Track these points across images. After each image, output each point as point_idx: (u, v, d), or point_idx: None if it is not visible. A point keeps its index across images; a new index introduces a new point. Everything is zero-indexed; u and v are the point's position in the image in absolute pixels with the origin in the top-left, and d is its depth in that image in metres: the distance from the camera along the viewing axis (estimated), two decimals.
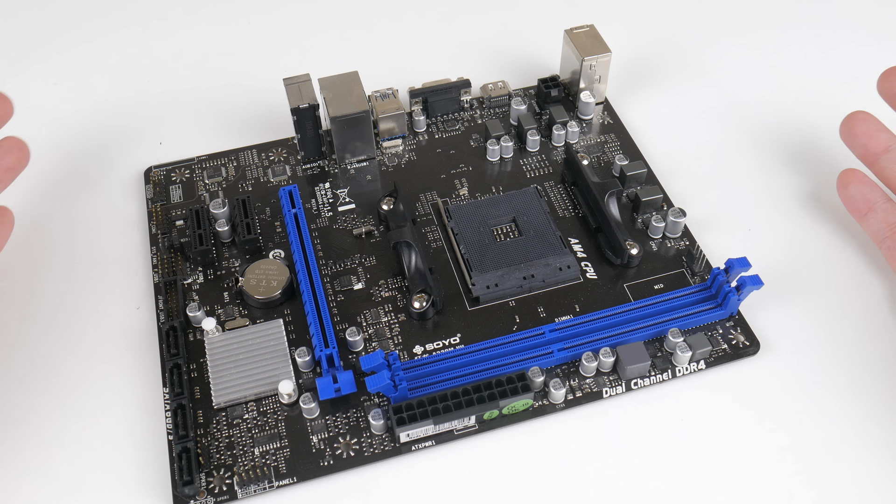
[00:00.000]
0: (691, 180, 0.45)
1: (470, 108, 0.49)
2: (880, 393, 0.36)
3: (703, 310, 0.38)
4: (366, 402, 0.36)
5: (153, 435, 0.36)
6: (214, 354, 0.37)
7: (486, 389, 0.34)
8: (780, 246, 0.42)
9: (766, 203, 0.44)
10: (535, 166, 0.46)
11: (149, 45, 0.56)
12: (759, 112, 0.49)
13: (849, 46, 0.53)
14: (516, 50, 0.54)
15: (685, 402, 0.36)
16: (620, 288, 0.40)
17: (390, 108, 0.46)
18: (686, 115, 0.49)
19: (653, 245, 0.42)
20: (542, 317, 0.39)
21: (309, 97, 0.44)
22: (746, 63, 0.53)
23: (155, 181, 0.46)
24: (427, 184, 0.45)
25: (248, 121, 0.50)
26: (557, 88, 0.49)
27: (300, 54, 0.54)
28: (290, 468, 0.34)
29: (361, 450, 0.35)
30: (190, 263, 0.41)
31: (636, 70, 0.52)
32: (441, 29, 0.56)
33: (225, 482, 0.34)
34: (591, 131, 0.48)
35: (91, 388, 0.37)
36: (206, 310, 0.39)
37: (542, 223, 0.42)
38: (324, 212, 0.44)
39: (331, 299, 0.40)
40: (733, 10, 0.57)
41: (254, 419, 0.36)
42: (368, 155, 0.46)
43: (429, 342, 0.38)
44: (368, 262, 0.41)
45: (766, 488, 0.33)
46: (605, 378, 0.37)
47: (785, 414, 0.36)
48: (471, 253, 0.41)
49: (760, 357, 0.38)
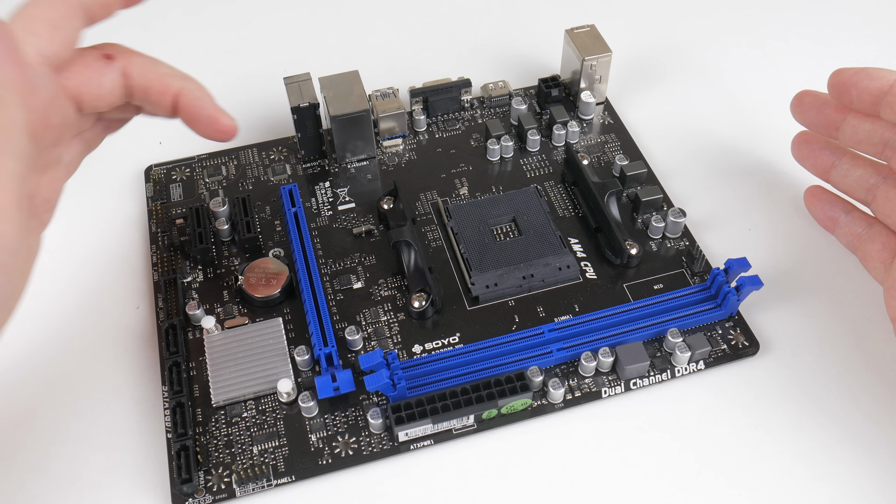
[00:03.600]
0: (691, 180, 0.45)
1: (470, 107, 0.49)
2: (880, 393, 0.36)
3: (703, 310, 0.38)
4: (364, 401, 0.36)
5: (152, 433, 0.36)
6: (214, 353, 0.37)
7: (485, 389, 0.34)
8: (780, 246, 0.42)
9: (766, 203, 0.44)
10: (536, 166, 0.46)
11: (149, 45, 0.55)
12: (760, 112, 0.49)
13: (849, 46, 0.53)
14: (517, 50, 0.54)
15: (684, 402, 0.36)
16: (620, 288, 0.40)
17: (391, 107, 0.46)
18: (686, 115, 0.49)
19: (652, 245, 0.42)
20: (542, 316, 0.39)
21: (309, 96, 0.44)
22: (747, 63, 0.53)
23: (155, 180, 0.46)
24: (427, 183, 0.45)
25: (249, 120, 0.50)
26: (558, 88, 0.49)
27: (300, 53, 0.54)
28: (288, 467, 0.34)
29: (360, 449, 0.35)
30: (190, 262, 0.41)
31: (636, 70, 0.52)
32: (442, 28, 0.56)
33: (223, 480, 0.34)
34: (592, 131, 0.48)
35: (90, 386, 0.37)
36: (206, 308, 0.39)
37: (541, 223, 0.42)
38: (324, 211, 0.44)
39: (330, 298, 0.40)
40: (733, 10, 0.57)
41: (252, 418, 0.36)
42: (369, 154, 0.46)
43: (428, 341, 0.38)
44: (368, 261, 0.41)
45: (766, 488, 0.33)
46: (604, 378, 0.37)
47: (785, 414, 0.36)
48: (470, 252, 0.41)
49: (760, 357, 0.37)
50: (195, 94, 0.34)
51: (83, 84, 0.32)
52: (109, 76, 0.32)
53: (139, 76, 0.33)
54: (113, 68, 0.33)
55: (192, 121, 0.34)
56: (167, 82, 0.34)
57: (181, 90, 0.34)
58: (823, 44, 0.54)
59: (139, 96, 0.34)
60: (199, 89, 0.34)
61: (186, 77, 0.34)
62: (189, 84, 0.34)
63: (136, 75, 0.33)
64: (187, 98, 0.34)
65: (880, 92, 0.36)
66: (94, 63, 0.32)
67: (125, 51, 0.33)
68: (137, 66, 0.33)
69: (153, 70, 0.34)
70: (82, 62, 0.32)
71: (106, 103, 0.33)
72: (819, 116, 0.40)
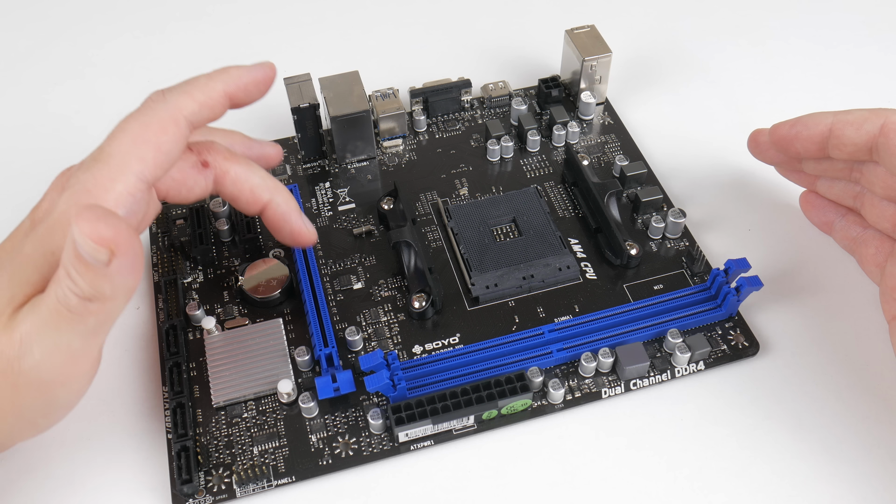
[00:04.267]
0: (691, 180, 0.45)
1: (470, 108, 0.49)
2: (880, 393, 0.36)
3: (703, 310, 0.38)
4: (365, 401, 0.36)
5: (152, 433, 0.36)
6: (214, 353, 0.37)
7: (485, 389, 0.34)
8: (779, 246, 0.42)
9: (766, 203, 0.44)
10: (536, 166, 0.46)
11: (149, 45, 0.56)
12: (760, 112, 0.49)
13: (849, 46, 0.53)
14: (517, 50, 0.54)
15: (684, 402, 0.36)
16: (620, 288, 0.40)
17: (391, 107, 0.46)
18: (686, 115, 0.49)
19: (652, 245, 0.42)
20: (542, 317, 0.39)
21: (309, 97, 0.44)
22: (747, 63, 0.53)
23: None
24: (427, 184, 0.45)
25: (249, 120, 0.49)
26: (558, 89, 0.49)
27: (300, 54, 0.54)
28: (288, 467, 0.34)
29: (360, 449, 0.35)
30: (190, 262, 0.41)
31: (637, 70, 0.52)
32: (441, 29, 0.56)
33: (224, 481, 0.34)
34: (592, 132, 0.48)
35: (91, 386, 0.37)
36: (206, 309, 0.39)
37: (541, 223, 0.42)
38: (324, 211, 0.44)
39: (330, 299, 0.40)
40: (733, 10, 0.57)
41: (253, 418, 0.36)
42: (369, 154, 0.46)
43: (428, 342, 0.38)
44: (368, 261, 0.41)
45: (766, 489, 0.33)
46: (604, 378, 0.37)
47: (785, 414, 0.36)
48: (470, 253, 0.41)
49: (760, 358, 0.37)
50: (282, 210, 0.35)
51: (174, 189, 0.32)
52: (202, 184, 0.33)
53: (231, 186, 0.34)
54: (207, 176, 0.33)
55: (276, 231, 0.36)
56: (258, 195, 0.35)
57: (269, 203, 0.35)
58: (823, 44, 0.54)
59: (227, 199, 0.35)
60: (287, 202, 0.35)
61: (276, 189, 0.35)
62: (278, 198, 0.35)
63: (229, 184, 0.34)
64: (274, 212, 0.35)
65: (822, 137, 0.36)
66: (190, 171, 0.33)
67: (222, 157, 0.34)
68: (231, 177, 0.34)
69: (245, 182, 0.34)
70: (178, 167, 0.32)
71: (190, 203, 0.34)
72: (778, 156, 0.40)
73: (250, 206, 0.35)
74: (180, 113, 0.30)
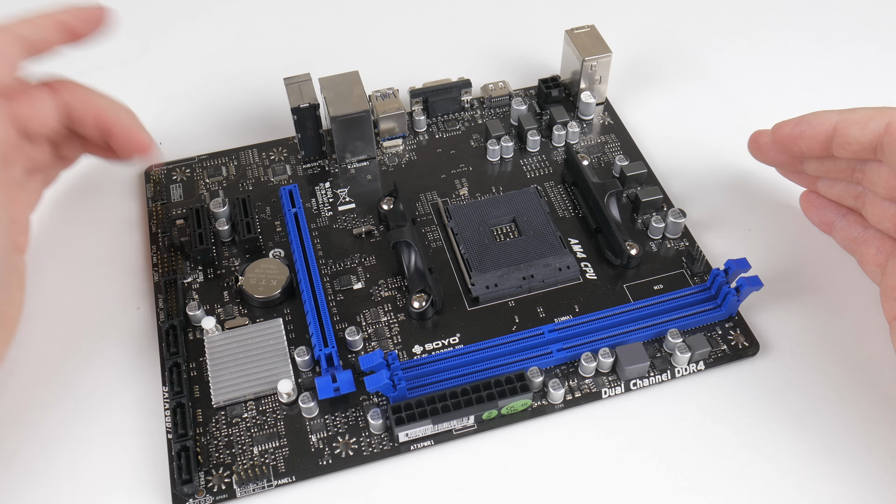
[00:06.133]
0: (691, 180, 0.45)
1: (470, 108, 0.49)
2: (880, 393, 0.36)
3: (703, 310, 0.38)
4: (365, 401, 0.36)
5: (152, 434, 0.36)
6: (214, 353, 0.37)
7: (485, 389, 0.34)
8: (779, 246, 0.42)
9: (766, 203, 0.44)
10: (536, 166, 0.46)
11: (149, 45, 0.56)
12: (760, 112, 0.49)
13: (849, 46, 0.53)
14: (517, 50, 0.54)
15: (684, 402, 0.36)
16: (620, 288, 0.40)
17: (391, 107, 0.46)
18: (686, 115, 0.49)
19: (652, 246, 0.42)
20: (542, 317, 0.39)
21: (309, 97, 0.44)
22: (746, 63, 0.53)
23: (155, 180, 0.46)
24: (427, 184, 0.45)
25: (249, 120, 0.50)
26: (558, 89, 0.49)
27: (300, 54, 0.54)
28: (288, 467, 0.34)
29: (360, 449, 0.35)
30: (190, 262, 0.41)
31: (636, 70, 0.52)
32: (442, 29, 0.56)
33: (224, 481, 0.34)
34: (592, 132, 0.48)
35: (91, 386, 0.37)
36: (206, 309, 0.39)
37: (541, 223, 0.42)
38: (324, 211, 0.44)
39: (330, 299, 0.40)
40: (733, 10, 0.57)
41: (253, 418, 0.36)
42: (369, 155, 0.46)
43: (428, 342, 0.38)
44: (368, 261, 0.41)
45: (766, 489, 0.33)
46: (604, 378, 0.37)
47: (785, 414, 0.36)
48: (470, 253, 0.41)
49: (760, 358, 0.37)
50: (116, 111, 0.39)
51: (27, 109, 0.36)
52: (50, 102, 0.37)
53: (76, 102, 0.38)
54: (53, 95, 0.37)
55: (109, 133, 0.39)
56: (97, 103, 0.38)
57: (103, 107, 0.38)
58: (823, 44, 0.54)
59: (76, 120, 0.38)
60: (124, 110, 0.39)
61: (117, 103, 0.39)
62: (115, 106, 0.39)
63: (75, 102, 0.38)
64: (107, 113, 0.38)
65: (826, 136, 0.36)
66: (38, 91, 0.37)
67: (68, 83, 0.39)
68: (76, 94, 0.38)
69: (91, 98, 0.39)
70: (27, 90, 0.37)
71: (49, 127, 0.37)
72: (779, 157, 0.40)
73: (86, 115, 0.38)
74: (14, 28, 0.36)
